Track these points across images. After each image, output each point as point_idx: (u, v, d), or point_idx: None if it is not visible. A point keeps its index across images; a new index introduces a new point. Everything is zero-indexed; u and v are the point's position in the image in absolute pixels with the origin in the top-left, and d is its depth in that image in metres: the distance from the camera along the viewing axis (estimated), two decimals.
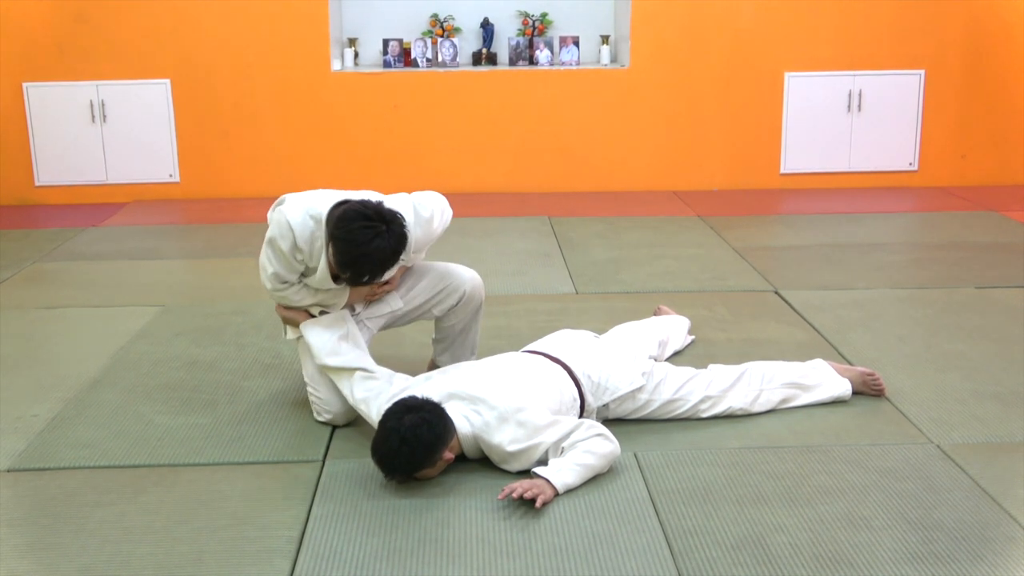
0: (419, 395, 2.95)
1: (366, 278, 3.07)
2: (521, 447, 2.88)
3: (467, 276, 3.52)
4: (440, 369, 3.30)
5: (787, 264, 5.31)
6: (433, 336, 3.65)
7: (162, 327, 4.39)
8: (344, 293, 3.31)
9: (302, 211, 3.11)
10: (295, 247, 3.12)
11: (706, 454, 3.09)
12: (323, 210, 3.10)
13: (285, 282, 3.23)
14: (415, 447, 2.78)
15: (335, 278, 3.18)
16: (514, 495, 2.71)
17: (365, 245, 2.96)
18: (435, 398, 2.95)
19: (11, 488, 2.97)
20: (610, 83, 7.21)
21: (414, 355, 3.83)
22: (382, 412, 2.92)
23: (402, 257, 3.15)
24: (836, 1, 7.08)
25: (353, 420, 3.32)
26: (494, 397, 2.94)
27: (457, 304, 3.50)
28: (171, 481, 2.98)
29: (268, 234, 3.18)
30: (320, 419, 3.34)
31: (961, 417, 3.35)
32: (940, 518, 2.71)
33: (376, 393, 3.12)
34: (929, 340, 4.10)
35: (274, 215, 3.19)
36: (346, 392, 3.20)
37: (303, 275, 3.24)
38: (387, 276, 3.27)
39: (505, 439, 2.88)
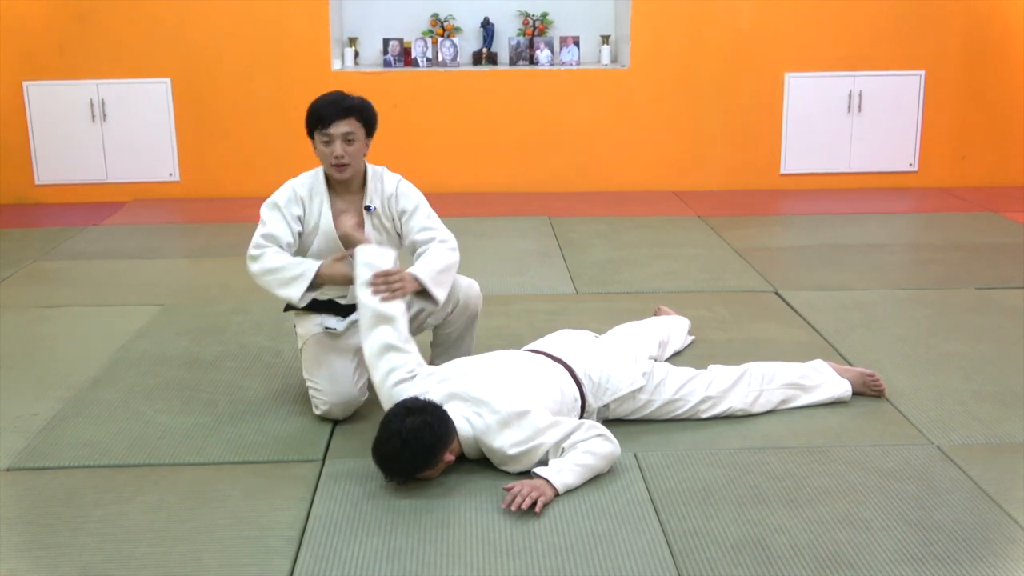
0: (421, 396, 2.95)
1: None
2: (522, 449, 2.88)
3: (463, 284, 3.52)
4: (443, 365, 3.27)
5: (787, 264, 5.30)
6: (431, 340, 3.67)
7: (162, 326, 4.39)
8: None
9: (302, 173, 3.39)
10: (294, 197, 3.33)
11: (706, 454, 3.09)
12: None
13: (277, 243, 3.28)
14: (416, 449, 2.78)
15: (343, 239, 3.30)
16: (513, 507, 2.71)
17: None
18: (436, 399, 2.95)
19: (11, 487, 2.97)
20: (610, 83, 7.21)
21: None
22: (382, 393, 3.01)
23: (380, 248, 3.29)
24: (836, 1, 7.08)
25: (351, 415, 3.33)
26: (496, 400, 2.93)
27: (452, 312, 3.51)
28: (171, 480, 2.98)
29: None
30: (318, 412, 3.35)
31: (961, 418, 3.35)
32: (940, 519, 2.71)
33: (392, 367, 3.08)
34: (929, 341, 4.10)
35: None
36: (364, 344, 3.14)
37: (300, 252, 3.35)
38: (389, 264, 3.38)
39: (507, 443, 2.88)
